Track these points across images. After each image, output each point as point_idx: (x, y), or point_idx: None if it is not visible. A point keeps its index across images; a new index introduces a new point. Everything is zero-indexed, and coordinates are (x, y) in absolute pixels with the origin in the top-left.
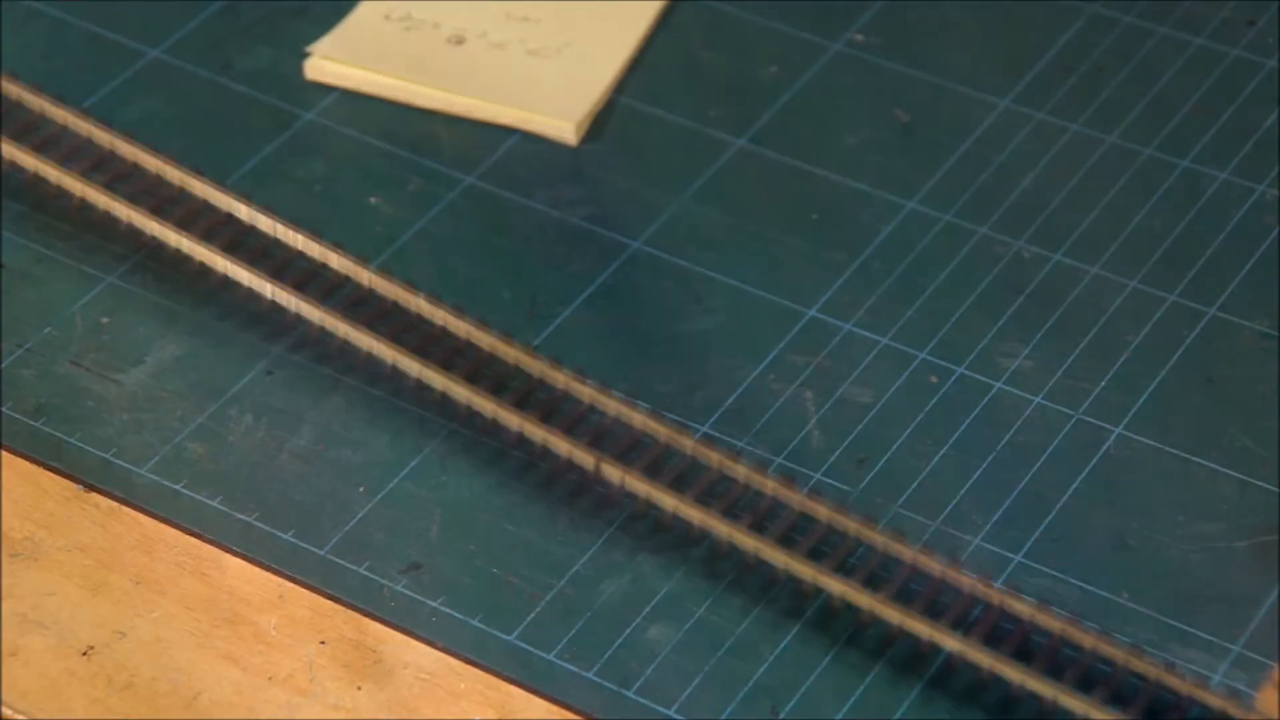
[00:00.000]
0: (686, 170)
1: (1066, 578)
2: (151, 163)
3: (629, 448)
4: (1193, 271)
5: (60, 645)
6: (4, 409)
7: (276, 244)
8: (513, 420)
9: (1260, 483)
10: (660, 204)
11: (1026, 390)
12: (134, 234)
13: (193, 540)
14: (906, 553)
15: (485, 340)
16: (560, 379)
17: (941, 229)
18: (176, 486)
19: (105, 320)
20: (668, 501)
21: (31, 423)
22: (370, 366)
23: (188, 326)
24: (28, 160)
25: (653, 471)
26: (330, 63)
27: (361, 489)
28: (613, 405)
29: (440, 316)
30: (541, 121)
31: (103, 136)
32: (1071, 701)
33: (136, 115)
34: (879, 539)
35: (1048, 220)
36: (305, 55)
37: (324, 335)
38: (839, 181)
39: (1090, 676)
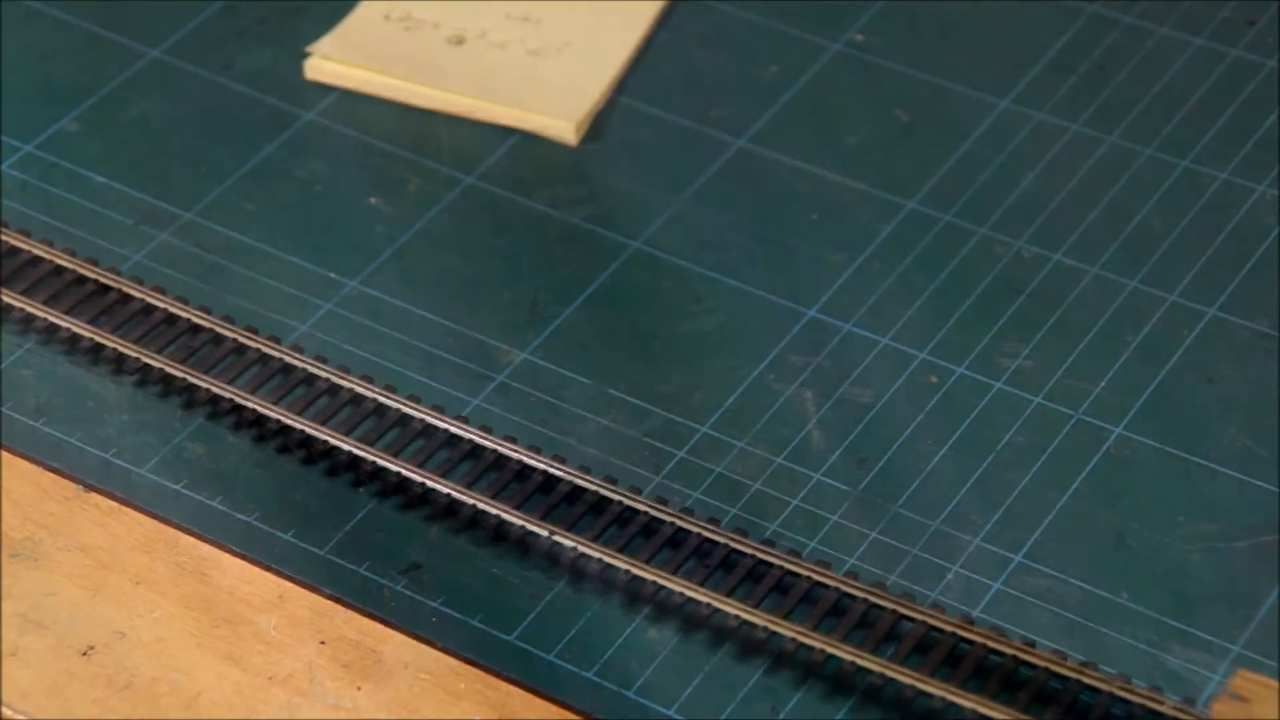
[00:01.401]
0: (686, 170)
1: (1066, 578)
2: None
3: (582, 513)
4: (1193, 271)
5: (60, 645)
6: (4, 409)
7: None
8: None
9: (1260, 483)
10: (660, 204)
11: (1026, 390)
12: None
13: (193, 540)
14: (859, 592)
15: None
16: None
17: (941, 229)
18: (176, 486)
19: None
20: (620, 562)
21: (31, 423)
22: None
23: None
24: None
25: (606, 533)
26: (330, 63)
27: (362, 489)
28: (563, 471)
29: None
30: (541, 121)
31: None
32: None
33: (136, 115)
34: (833, 582)
35: (1048, 220)
36: (305, 55)
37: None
38: (839, 181)
39: (1045, 696)
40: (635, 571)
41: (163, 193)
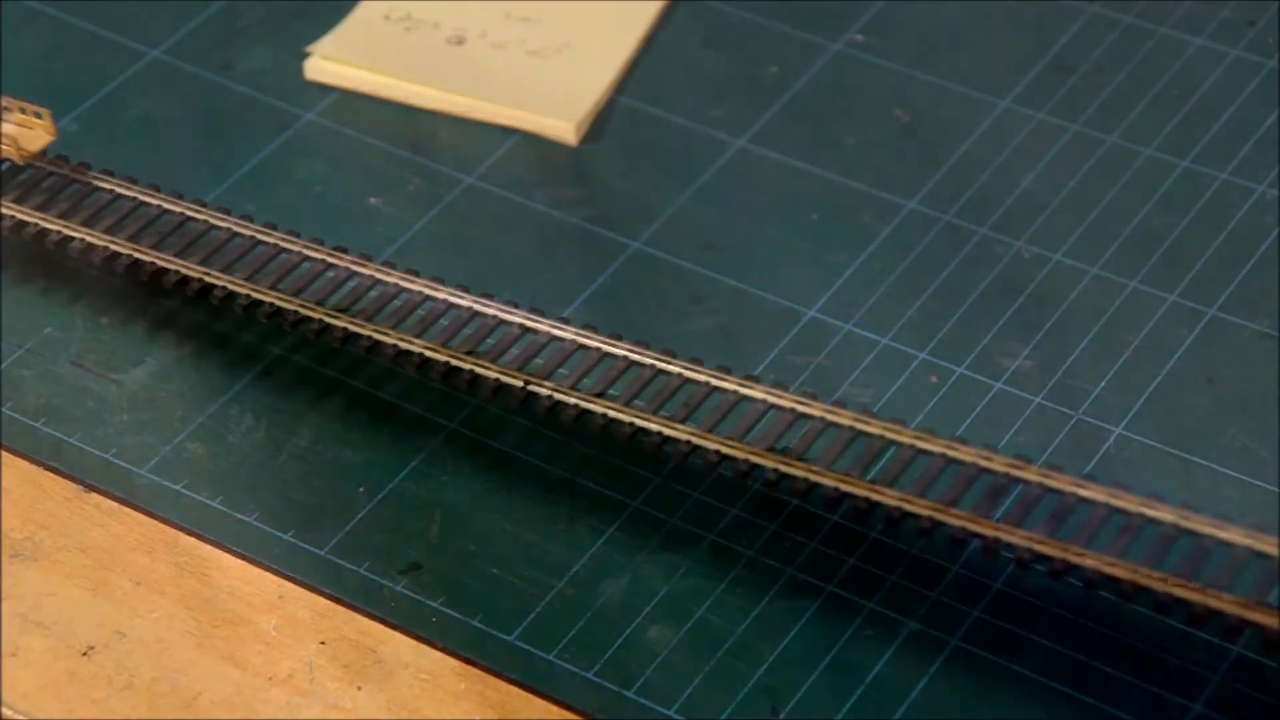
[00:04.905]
0: (686, 170)
1: (1067, 578)
2: (129, 191)
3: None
4: (1193, 271)
5: (60, 645)
6: (4, 409)
7: (264, 249)
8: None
9: (1260, 483)
10: (660, 204)
11: (1026, 390)
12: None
13: (193, 540)
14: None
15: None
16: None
17: (941, 229)
18: (176, 486)
19: (105, 320)
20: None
21: (31, 423)
22: (372, 362)
23: (188, 326)
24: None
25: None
26: (330, 63)
27: (361, 489)
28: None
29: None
30: (541, 121)
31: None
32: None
33: (136, 115)
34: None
35: (1048, 220)
36: (305, 55)
37: (325, 331)
38: (839, 181)
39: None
40: (612, 414)
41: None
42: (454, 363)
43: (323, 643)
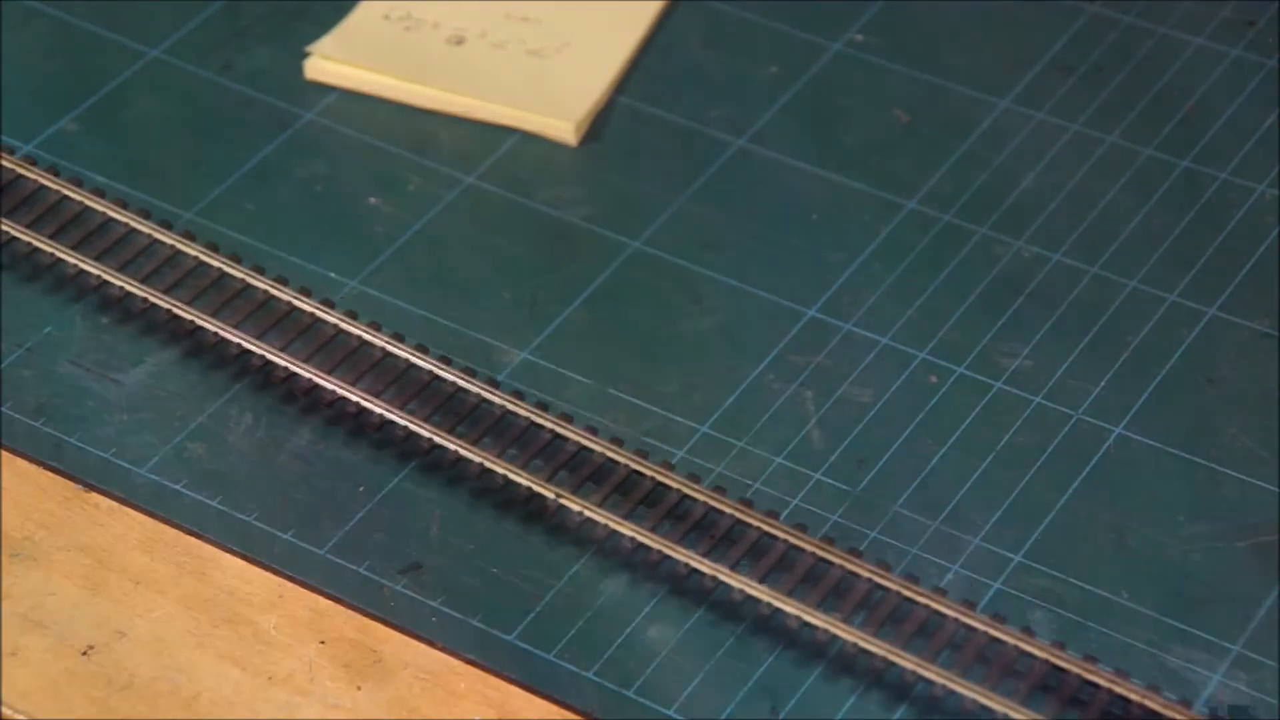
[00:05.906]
0: (686, 170)
1: (1066, 578)
2: (121, 216)
3: (590, 477)
4: (1193, 271)
5: (60, 645)
6: (4, 409)
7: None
8: (474, 455)
9: (1260, 483)
10: (660, 204)
11: (1026, 390)
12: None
13: (193, 540)
14: (863, 571)
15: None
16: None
17: (941, 229)
18: (176, 486)
19: (105, 320)
20: (625, 528)
21: (31, 423)
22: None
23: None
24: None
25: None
26: (330, 63)
27: (361, 489)
28: (575, 436)
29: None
30: (541, 121)
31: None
32: None
33: (136, 115)
34: (837, 560)
35: (1048, 220)
36: (305, 55)
37: (361, 414)
38: (839, 181)
39: (1078, 699)
40: (641, 539)
41: (163, 193)
42: (488, 465)
43: (323, 642)
